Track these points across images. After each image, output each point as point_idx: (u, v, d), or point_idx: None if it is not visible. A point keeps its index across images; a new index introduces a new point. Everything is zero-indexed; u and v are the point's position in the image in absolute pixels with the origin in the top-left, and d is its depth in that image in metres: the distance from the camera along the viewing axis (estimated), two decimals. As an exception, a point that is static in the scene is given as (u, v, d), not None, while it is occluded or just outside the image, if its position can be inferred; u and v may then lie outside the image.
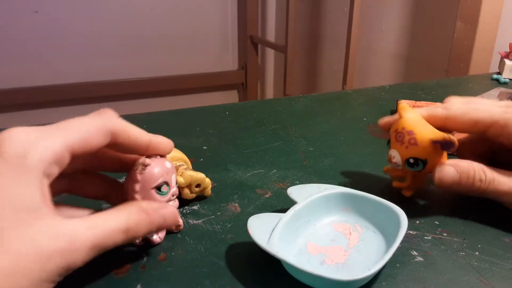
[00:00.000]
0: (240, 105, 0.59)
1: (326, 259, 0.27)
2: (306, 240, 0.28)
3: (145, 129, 0.27)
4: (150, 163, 0.26)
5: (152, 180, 0.26)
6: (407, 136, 0.31)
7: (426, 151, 0.30)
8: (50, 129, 0.22)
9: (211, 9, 1.80)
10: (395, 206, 0.28)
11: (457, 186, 0.31)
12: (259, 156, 0.42)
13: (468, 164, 0.31)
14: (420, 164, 0.31)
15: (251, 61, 1.89)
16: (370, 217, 0.30)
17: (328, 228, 0.29)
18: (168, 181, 0.27)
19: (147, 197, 0.26)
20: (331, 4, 1.60)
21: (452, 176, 0.31)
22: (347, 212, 0.31)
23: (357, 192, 0.30)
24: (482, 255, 0.28)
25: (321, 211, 0.30)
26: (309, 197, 0.29)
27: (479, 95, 0.62)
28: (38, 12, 1.52)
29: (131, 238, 0.23)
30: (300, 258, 0.27)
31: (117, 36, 1.65)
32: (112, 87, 1.70)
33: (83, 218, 0.21)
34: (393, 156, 0.32)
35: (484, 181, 0.30)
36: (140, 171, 0.26)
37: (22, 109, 1.60)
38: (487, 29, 0.94)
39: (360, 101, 0.61)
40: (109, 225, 0.22)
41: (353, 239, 0.28)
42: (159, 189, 0.26)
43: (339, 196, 0.30)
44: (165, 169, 0.27)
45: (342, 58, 1.34)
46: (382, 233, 0.28)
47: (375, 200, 0.29)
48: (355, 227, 0.29)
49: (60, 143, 0.21)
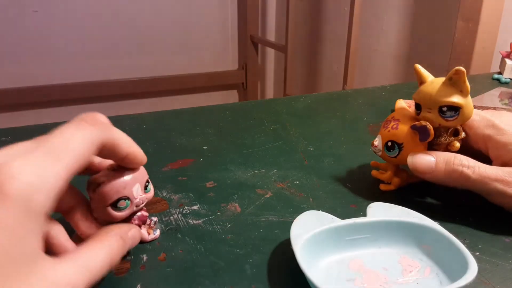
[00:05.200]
0: (240, 105, 0.59)
1: (358, 279, 0.25)
2: (355, 255, 0.27)
3: (145, 129, 0.27)
4: (102, 181, 0.25)
5: (106, 198, 0.25)
6: (392, 123, 0.33)
7: (403, 136, 0.32)
8: (48, 158, 0.19)
9: (211, 9, 1.79)
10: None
11: (436, 173, 0.31)
12: (259, 156, 0.42)
13: (446, 152, 0.31)
14: (396, 148, 0.32)
15: (251, 61, 1.89)
16: (448, 264, 0.25)
17: (391, 256, 0.27)
18: (127, 195, 0.25)
19: (104, 214, 0.25)
20: (331, 4, 1.60)
21: (426, 160, 0.31)
22: (428, 250, 0.27)
23: (446, 233, 0.26)
24: (483, 255, 0.28)
25: (394, 237, 0.27)
26: (383, 217, 0.27)
27: (480, 95, 0.62)
28: (38, 11, 1.51)
29: (114, 265, 0.22)
30: (333, 266, 0.26)
31: (117, 36, 1.65)
32: (112, 87, 1.70)
33: (72, 259, 0.20)
34: (375, 140, 0.34)
35: (467, 166, 0.30)
36: (92, 189, 0.25)
37: (22, 109, 1.60)
38: (488, 29, 0.94)
39: (360, 101, 0.61)
40: (98, 263, 0.21)
41: (408, 277, 0.25)
42: (115, 206, 0.25)
43: (423, 229, 0.27)
44: (123, 183, 0.25)
45: (342, 58, 1.34)
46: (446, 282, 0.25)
47: (462, 252, 0.24)
48: (424, 269, 0.26)
49: (62, 176, 0.19)
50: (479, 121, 0.32)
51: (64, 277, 0.19)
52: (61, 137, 0.20)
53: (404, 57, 1.31)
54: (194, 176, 0.38)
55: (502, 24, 0.96)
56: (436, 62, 1.19)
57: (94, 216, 0.26)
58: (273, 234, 0.29)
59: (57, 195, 0.19)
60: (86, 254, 0.21)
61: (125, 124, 0.49)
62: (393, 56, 1.34)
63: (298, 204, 0.33)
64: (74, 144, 0.20)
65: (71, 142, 0.20)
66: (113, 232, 0.24)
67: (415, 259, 0.27)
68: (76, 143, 0.20)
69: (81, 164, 0.20)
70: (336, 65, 1.62)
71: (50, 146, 0.20)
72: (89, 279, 0.20)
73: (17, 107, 1.59)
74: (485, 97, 0.61)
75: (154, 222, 0.29)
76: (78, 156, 0.20)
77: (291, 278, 0.25)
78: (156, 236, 0.29)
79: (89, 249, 0.22)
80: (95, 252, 0.22)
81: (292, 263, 0.24)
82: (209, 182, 0.37)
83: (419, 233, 0.27)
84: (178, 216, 0.31)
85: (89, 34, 1.61)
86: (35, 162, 0.19)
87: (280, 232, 0.30)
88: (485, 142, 0.31)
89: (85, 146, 0.21)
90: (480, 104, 0.57)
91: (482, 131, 0.31)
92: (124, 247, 0.24)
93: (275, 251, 0.28)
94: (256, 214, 0.32)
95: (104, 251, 0.22)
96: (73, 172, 0.20)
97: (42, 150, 0.19)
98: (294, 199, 0.34)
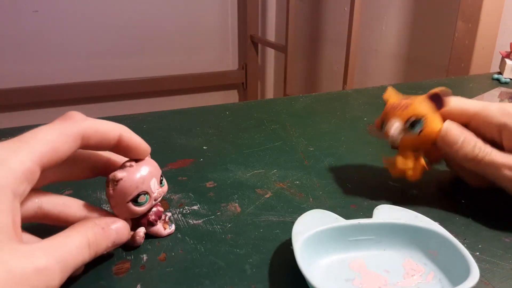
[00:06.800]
0: (240, 105, 0.59)
1: (357, 279, 0.25)
2: (357, 255, 0.27)
3: (145, 129, 0.27)
4: (122, 177, 0.25)
5: (126, 194, 0.25)
6: (401, 103, 0.32)
7: (422, 107, 0.32)
8: (15, 144, 0.21)
9: (211, 9, 1.80)
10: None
11: (458, 148, 0.31)
12: (259, 156, 0.42)
13: (472, 134, 0.32)
14: (421, 122, 0.31)
15: (251, 61, 1.89)
16: (453, 271, 0.25)
17: (395, 259, 0.26)
18: (146, 189, 0.26)
19: (124, 211, 0.25)
20: (331, 4, 1.60)
21: (458, 134, 0.31)
22: (433, 255, 0.26)
23: (453, 239, 0.25)
24: (483, 255, 0.28)
25: (399, 240, 0.27)
26: (388, 220, 0.27)
27: (480, 95, 0.62)
28: (38, 11, 1.52)
29: (93, 253, 0.22)
30: (334, 265, 0.26)
31: (117, 35, 1.65)
32: (112, 87, 1.70)
33: (47, 240, 0.20)
34: (389, 127, 0.32)
35: (482, 150, 0.31)
36: (112, 187, 0.25)
37: (22, 109, 1.60)
38: (488, 29, 0.94)
39: (360, 101, 0.61)
40: (73, 242, 0.21)
41: (410, 281, 0.25)
42: (136, 201, 0.26)
43: (429, 234, 0.26)
44: (141, 178, 0.26)
45: (342, 58, 1.34)
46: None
47: (467, 260, 0.24)
48: (427, 274, 0.25)
49: (30, 158, 0.20)
50: (495, 110, 0.32)
51: (39, 253, 0.19)
52: (33, 130, 0.22)
53: (404, 57, 1.31)
54: (194, 176, 0.38)
55: (502, 24, 0.96)
56: (436, 62, 1.19)
57: (115, 213, 0.26)
58: (273, 234, 0.29)
59: (27, 178, 0.20)
60: (62, 236, 0.21)
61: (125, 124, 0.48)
62: (393, 56, 1.35)
63: (298, 204, 0.33)
64: (45, 135, 0.22)
65: (41, 132, 0.22)
66: (91, 220, 0.24)
67: (420, 264, 0.26)
68: (47, 134, 0.22)
69: (54, 152, 0.22)
70: (336, 65, 1.62)
71: (19, 137, 0.22)
72: (62, 266, 0.20)
73: (17, 107, 1.59)
74: (485, 97, 0.61)
75: (169, 217, 0.29)
76: (49, 144, 0.22)
77: (291, 278, 0.25)
78: (171, 231, 0.29)
79: (64, 233, 0.22)
80: (71, 234, 0.22)
81: (292, 263, 0.24)
82: (209, 182, 0.37)
83: (425, 238, 0.27)
84: (178, 216, 0.31)
85: (89, 34, 1.61)
86: (1, 147, 0.20)
87: (280, 232, 0.30)
88: (500, 131, 0.31)
89: (58, 137, 0.22)
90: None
91: (498, 119, 0.31)
92: (104, 236, 0.23)
93: (275, 251, 0.28)
94: (256, 214, 0.32)
95: (79, 234, 0.22)
96: (44, 160, 0.21)
97: (11, 141, 0.21)
98: (294, 199, 0.34)
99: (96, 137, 0.24)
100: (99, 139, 0.24)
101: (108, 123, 0.25)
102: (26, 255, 0.19)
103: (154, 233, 0.28)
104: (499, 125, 0.31)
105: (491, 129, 0.32)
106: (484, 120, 0.32)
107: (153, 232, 0.28)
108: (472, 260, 0.23)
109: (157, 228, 0.28)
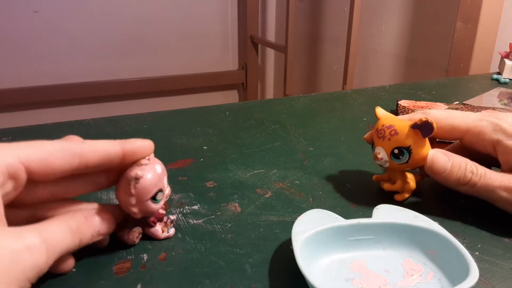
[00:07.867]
0: (240, 105, 0.59)
1: (357, 279, 0.25)
2: (358, 255, 0.27)
3: (145, 129, 0.27)
4: (142, 175, 0.25)
5: (147, 192, 0.25)
6: (387, 130, 0.32)
7: (407, 138, 0.31)
8: (5, 144, 0.22)
9: (211, 9, 1.80)
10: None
11: (448, 175, 0.31)
12: (259, 156, 0.42)
13: (460, 157, 0.31)
14: (405, 153, 0.31)
15: (251, 61, 1.89)
16: (452, 271, 0.25)
17: (394, 259, 0.26)
18: (161, 187, 0.26)
19: (143, 208, 0.26)
20: (331, 4, 1.60)
21: (444, 161, 0.31)
22: (433, 255, 0.26)
23: (452, 239, 0.25)
24: (482, 255, 0.28)
25: (399, 240, 0.27)
26: (388, 219, 0.27)
27: (479, 95, 0.62)
28: (38, 12, 1.52)
29: (77, 240, 0.23)
30: (334, 265, 0.26)
31: (117, 36, 1.65)
32: (112, 87, 1.70)
33: (32, 225, 0.21)
34: (378, 153, 0.32)
35: (475, 173, 0.30)
36: (134, 185, 0.25)
37: (22, 109, 1.60)
38: (487, 29, 0.94)
39: (360, 101, 0.61)
40: (56, 229, 0.22)
41: (409, 281, 0.25)
42: (155, 198, 0.26)
43: (429, 234, 0.27)
44: (157, 176, 0.26)
45: (342, 58, 1.34)
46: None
47: (466, 260, 0.24)
48: (427, 274, 0.25)
49: (13, 155, 0.21)
50: (487, 126, 0.31)
51: (25, 234, 0.20)
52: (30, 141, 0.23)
53: (403, 57, 1.31)
54: (194, 176, 0.38)
55: (501, 24, 0.96)
56: (436, 62, 1.19)
57: (134, 211, 0.26)
58: (273, 234, 0.30)
59: (10, 174, 0.21)
60: (43, 225, 0.22)
61: (125, 124, 0.49)
62: (393, 56, 1.35)
63: (298, 204, 0.33)
64: (39, 144, 0.22)
65: (37, 142, 0.23)
66: (74, 211, 0.24)
67: (419, 263, 0.26)
68: (42, 144, 0.22)
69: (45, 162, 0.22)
70: (336, 65, 1.63)
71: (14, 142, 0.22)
72: (48, 246, 0.20)
73: (17, 107, 1.59)
74: (484, 98, 0.61)
75: (171, 221, 0.29)
76: (40, 151, 0.22)
77: (291, 278, 0.25)
78: (170, 235, 0.29)
79: (47, 223, 0.22)
80: (54, 221, 0.22)
81: (292, 262, 0.24)
82: (209, 182, 0.37)
83: (425, 238, 0.27)
84: (179, 216, 0.31)
85: (89, 34, 1.61)
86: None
87: (280, 232, 0.30)
88: (494, 146, 0.31)
89: (52, 149, 0.23)
90: (479, 104, 0.57)
91: (491, 136, 0.31)
92: (87, 226, 0.24)
93: (275, 251, 0.28)
94: (256, 214, 0.32)
95: (62, 221, 0.23)
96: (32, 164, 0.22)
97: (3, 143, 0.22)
98: (294, 199, 0.34)
99: (95, 156, 0.24)
100: (99, 157, 0.24)
101: (105, 141, 0.25)
102: (15, 234, 0.20)
103: (151, 234, 0.28)
104: (492, 142, 0.31)
105: (485, 145, 0.32)
106: (477, 138, 0.32)
107: (150, 233, 0.28)
108: (471, 259, 0.24)
109: (155, 229, 0.28)
